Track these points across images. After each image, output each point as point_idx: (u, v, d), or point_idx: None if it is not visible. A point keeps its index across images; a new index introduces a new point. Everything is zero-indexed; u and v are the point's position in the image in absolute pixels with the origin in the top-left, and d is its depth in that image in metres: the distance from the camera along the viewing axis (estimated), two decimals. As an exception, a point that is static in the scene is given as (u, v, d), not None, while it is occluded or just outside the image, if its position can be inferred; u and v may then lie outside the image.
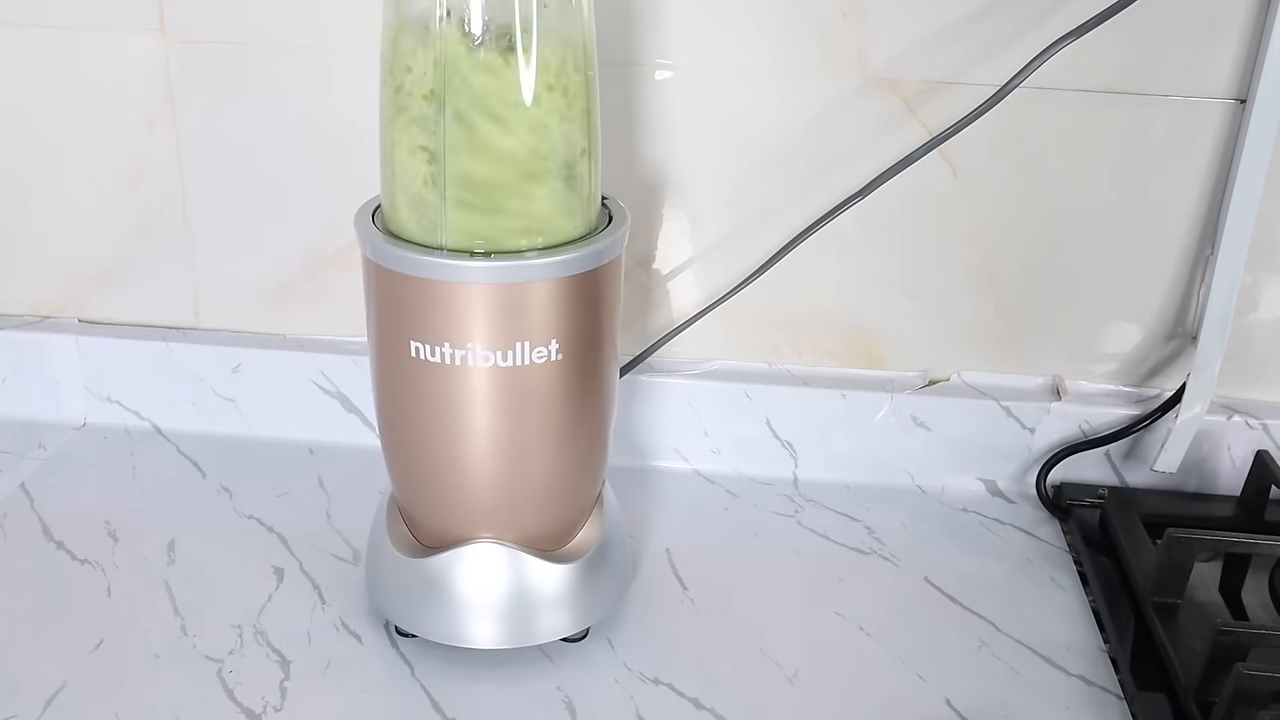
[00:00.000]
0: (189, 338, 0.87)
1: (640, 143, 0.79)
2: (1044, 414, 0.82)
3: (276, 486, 0.82)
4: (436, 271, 0.58)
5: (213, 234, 0.84)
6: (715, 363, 0.85)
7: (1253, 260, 0.77)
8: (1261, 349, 0.82)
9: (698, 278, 0.83)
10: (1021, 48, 0.73)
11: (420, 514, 0.66)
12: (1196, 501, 0.82)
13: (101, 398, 0.88)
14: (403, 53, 0.57)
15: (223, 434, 0.87)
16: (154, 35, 0.79)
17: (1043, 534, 0.80)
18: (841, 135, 0.78)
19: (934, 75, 0.76)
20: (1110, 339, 0.83)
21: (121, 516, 0.78)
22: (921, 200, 0.79)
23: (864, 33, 0.75)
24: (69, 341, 0.87)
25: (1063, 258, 0.80)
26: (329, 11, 0.77)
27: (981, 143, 0.76)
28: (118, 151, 0.82)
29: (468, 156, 0.57)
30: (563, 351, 0.60)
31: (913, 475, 0.84)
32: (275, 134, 0.81)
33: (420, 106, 0.57)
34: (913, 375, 0.84)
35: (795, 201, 0.79)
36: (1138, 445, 0.83)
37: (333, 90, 0.79)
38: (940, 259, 0.81)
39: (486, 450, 0.62)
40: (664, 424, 0.85)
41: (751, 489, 0.84)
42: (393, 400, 0.64)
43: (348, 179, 0.78)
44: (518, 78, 0.56)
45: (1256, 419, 0.81)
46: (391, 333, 0.61)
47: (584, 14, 0.58)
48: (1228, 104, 0.75)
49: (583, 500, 0.67)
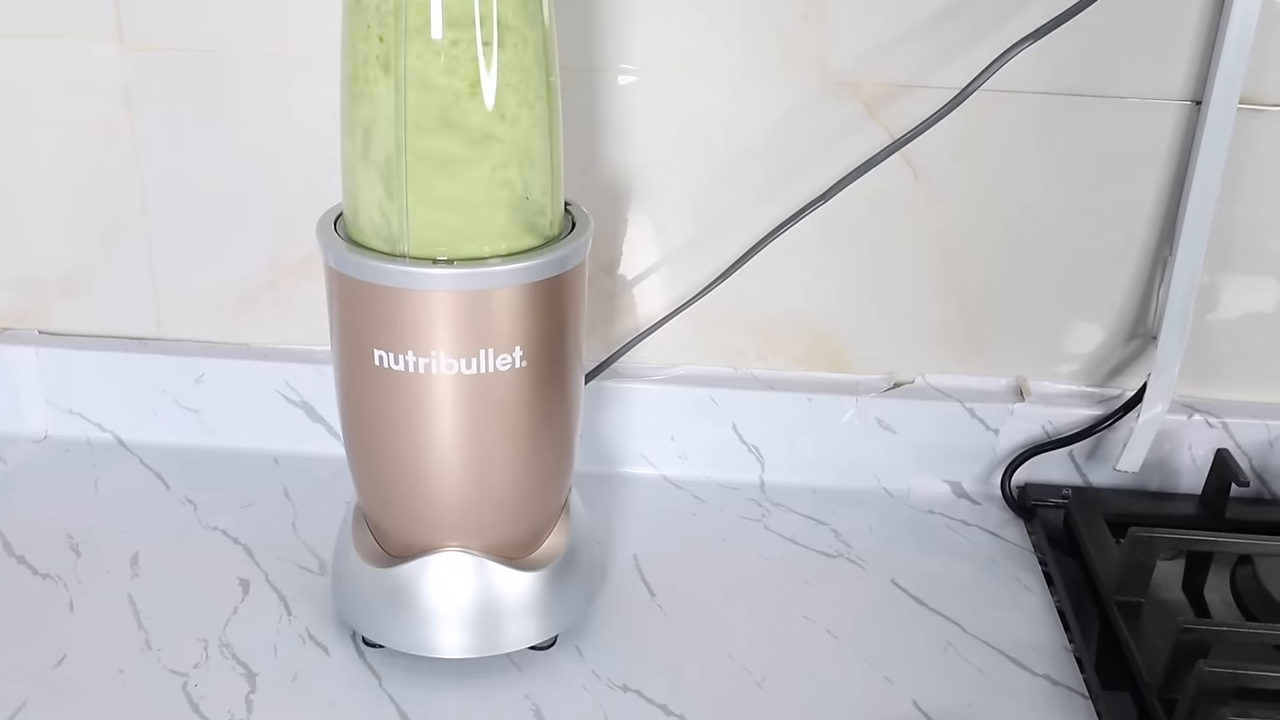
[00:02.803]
0: (151, 348, 0.86)
1: (603, 147, 0.79)
2: (1008, 415, 0.83)
3: (241, 497, 0.81)
4: (399, 279, 0.57)
5: (174, 243, 0.84)
6: (681, 368, 0.85)
7: (1211, 260, 0.78)
8: (1220, 348, 0.83)
9: (663, 282, 0.83)
10: (981, 51, 0.74)
11: (386, 523, 0.66)
12: (1159, 500, 0.83)
13: (63, 410, 0.87)
14: (362, 59, 0.56)
15: (186, 445, 0.87)
16: (111, 43, 0.78)
17: (1008, 535, 0.80)
18: (804, 139, 0.78)
19: (895, 78, 0.76)
20: (1072, 339, 0.83)
21: (84, 530, 0.77)
22: (884, 203, 0.79)
23: (825, 36, 0.75)
24: (29, 353, 0.86)
25: (1024, 259, 0.81)
26: (289, 18, 0.77)
27: (943, 145, 0.77)
28: (76, 161, 0.82)
29: (428, 165, 0.57)
30: (527, 359, 0.60)
31: (879, 478, 0.85)
32: (236, 142, 0.80)
33: (379, 114, 0.56)
34: (877, 378, 0.85)
35: (759, 205, 0.79)
36: (1100, 445, 0.83)
37: (294, 98, 0.79)
38: (903, 261, 0.81)
39: (452, 458, 0.62)
40: (630, 429, 0.85)
41: (719, 493, 0.84)
42: (357, 409, 0.63)
43: (309, 187, 0.78)
44: (479, 84, 0.56)
45: (1216, 418, 0.82)
46: (355, 341, 0.61)
47: (545, 18, 0.58)
48: (1184, 105, 0.76)
49: (549, 507, 0.67)
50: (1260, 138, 0.76)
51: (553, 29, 0.59)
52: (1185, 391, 0.83)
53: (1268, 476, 0.83)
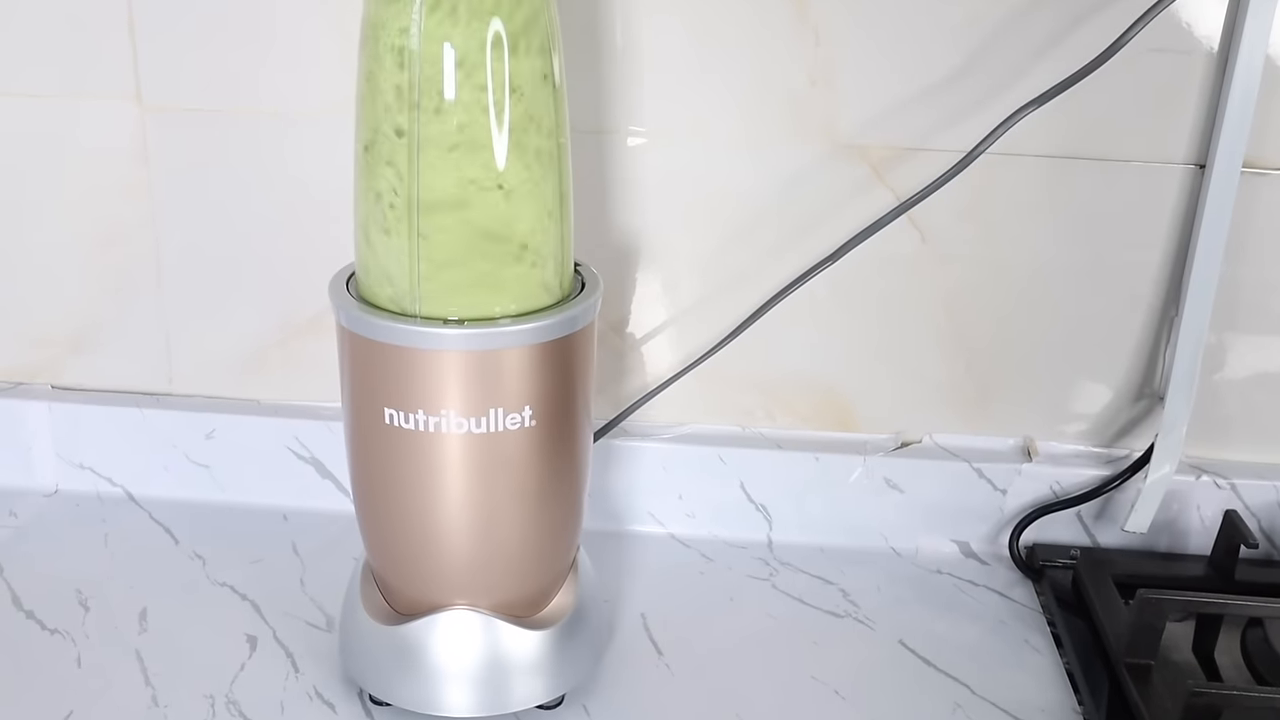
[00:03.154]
0: (163, 404, 0.87)
1: (613, 209, 0.80)
2: (1015, 475, 0.83)
3: (250, 553, 0.81)
4: (410, 339, 0.58)
5: (187, 300, 0.85)
6: (689, 426, 0.86)
7: (1217, 321, 0.78)
8: (1228, 409, 0.83)
9: (671, 342, 0.83)
10: (987, 115, 0.75)
11: (394, 580, 0.66)
12: (1168, 561, 0.83)
13: (74, 464, 0.87)
14: (375, 121, 0.57)
15: (196, 500, 0.87)
16: (130, 103, 0.79)
17: (1016, 595, 0.80)
18: (812, 200, 0.79)
19: (901, 142, 0.77)
20: (1079, 400, 0.83)
21: (93, 585, 0.77)
22: (891, 264, 0.80)
23: (832, 100, 0.76)
24: (41, 408, 0.86)
25: (1031, 319, 0.81)
26: (304, 80, 0.78)
27: (949, 207, 0.78)
28: (93, 218, 0.83)
29: (440, 225, 0.57)
30: (536, 418, 0.60)
31: (886, 537, 0.85)
32: (250, 200, 0.81)
33: (393, 175, 0.57)
34: (885, 438, 0.85)
35: (767, 266, 0.80)
36: (1109, 505, 0.83)
37: (308, 159, 0.80)
38: (910, 322, 0.82)
39: (461, 517, 0.62)
40: (638, 488, 0.85)
41: (726, 552, 0.84)
42: (367, 467, 0.64)
43: (322, 245, 0.79)
44: (490, 146, 0.57)
45: (1225, 479, 0.82)
46: (366, 399, 0.61)
47: (556, 81, 0.59)
48: (1188, 169, 0.77)
49: (557, 566, 0.67)
50: (1263, 200, 0.77)
51: (563, 92, 0.60)
52: (1193, 452, 0.83)
53: (1277, 538, 0.83)
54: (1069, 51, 0.73)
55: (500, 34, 0.55)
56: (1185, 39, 0.74)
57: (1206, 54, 0.74)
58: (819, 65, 0.76)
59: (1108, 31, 0.67)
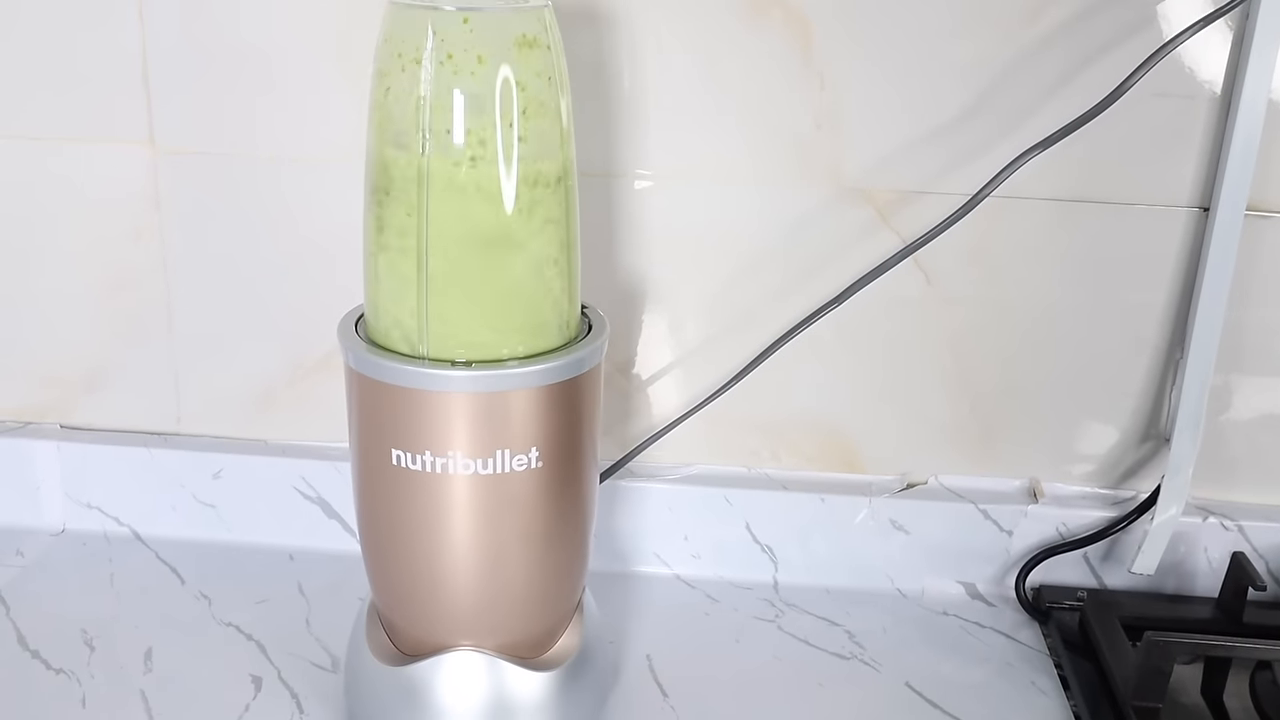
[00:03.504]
0: (171, 443, 0.87)
1: (620, 251, 0.80)
2: (1021, 516, 0.83)
3: (256, 593, 0.81)
4: (418, 381, 0.58)
5: (196, 340, 0.85)
6: (695, 467, 0.86)
7: (1223, 362, 0.79)
8: (1234, 450, 0.83)
9: (677, 383, 0.83)
10: (991, 158, 0.76)
11: (400, 621, 0.66)
12: (1175, 603, 0.82)
13: (81, 504, 0.88)
14: (385, 165, 0.58)
15: (203, 540, 0.87)
16: (143, 146, 0.80)
17: (1023, 637, 0.80)
18: (817, 243, 0.79)
19: (906, 185, 0.78)
20: (1085, 441, 0.83)
21: (98, 624, 0.78)
22: (896, 306, 0.80)
23: (837, 144, 0.77)
24: (50, 447, 0.87)
25: (1036, 361, 0.81)
26: (314, 124, 0.79)
27: (954, 250, 0.78)
28: (104, 260, 0.83)
29: (449, 267, 0.58)
30: (543, 459, 0.61)
31: (892, 579, 0.85)
32: (261, 243, 0.82)
33: (402, 217, 0.58)
34: (890, 479, 0.85)
35: (773, 307, 0.80)
36: (1115, 547, 0.83)
37: (317, 201, 0.81)
38: (916, 363, 0.82)
39: (467, 558, 0.62)
40: (644, 529, 0.85)
41: (732, 593, 0.84)
42: (373, 507, 0.64)
43: (331, 287, 0.79)
44: (498, 188, 0.57)
45: (1232, 520, 0.82)
46: (373, 440, 0.61)
47: (563, 125, 0.59)
48: (1192, 212, 0.77)
49: (563, 607, 0.67)
50: (1267, 243, 0.77)
51: (571, 136, 0.60)
52: (1199, 494, 0.83)
53: (1284, 580, 0.83)
54: (1073, 95, 0.74)
55: (509, 79, 0.56)
56: (1189, 83, 0.74)
57: (1210, 98, 0.74)
58: (824, 109, 0.76)
59: (1112, 76, 0.68)
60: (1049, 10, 0.73)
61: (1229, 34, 0.73)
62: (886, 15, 0.74)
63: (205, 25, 0.77)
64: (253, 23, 0.77)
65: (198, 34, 0.77)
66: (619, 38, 0.76)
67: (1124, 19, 0.73)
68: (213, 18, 0.77)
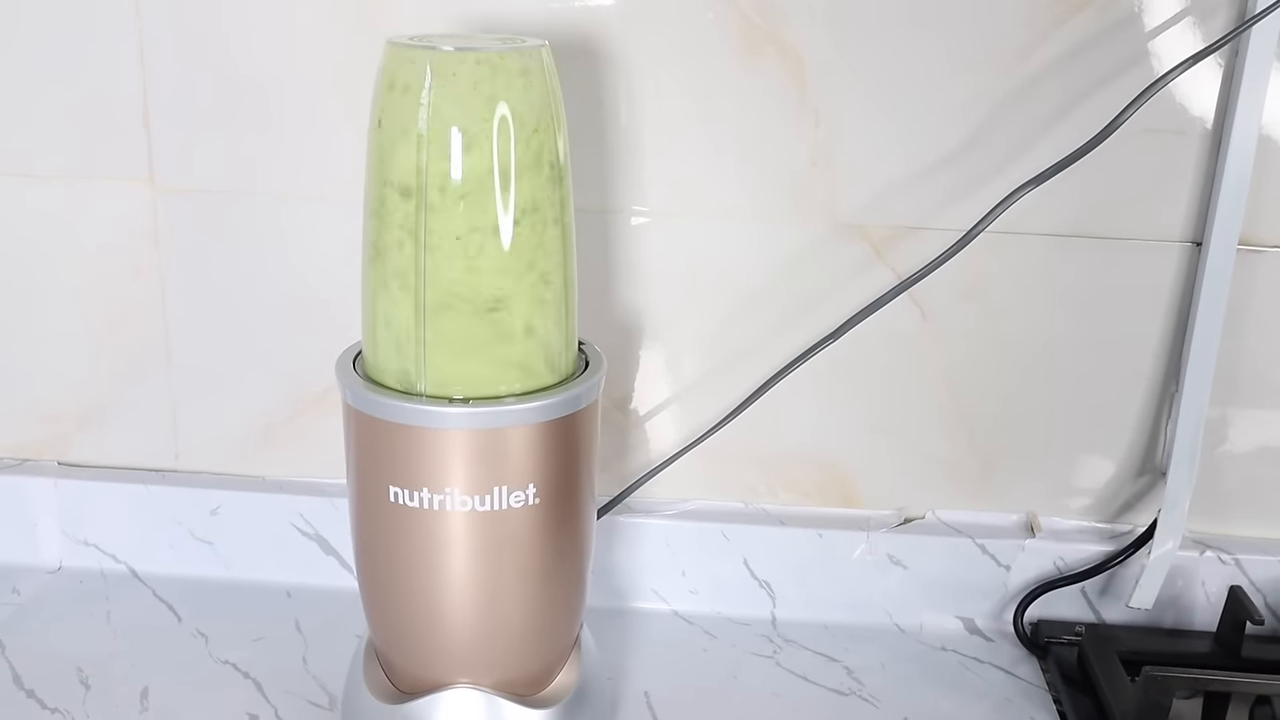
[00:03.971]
0: (168, 480, 0.87)
1: (617, 287, 0.81)
2: (1019, 551, 0.83)
3: (253, 630, 0.81)
4: (415, 418, 0.58)
5: (195, 377, 0.85)
6: (692, 502, 0.86)
7: (1217, 396, 0.79)
8: (1230, 483, 0.83)
9: (674, 419, 0.84)
10: (985, 194, 0.76)
11: (398, 658, 0.66)
12: (1173, 638, 0.82)
13: (78, 541, 0.87)
14: (382, 201, 0.58)
15: (200, 577, 0.87)
16: (142, 185, 0.81)
17: (1021, 672, 0.80)
18: (814, 278, 0.80)
19: (901, 221, 0.78)
20: (1082, 475, 0.84)
21: (95, 663, 0.77)
22: (893, 341, 0.80)
23: (832, 180, 0.78)
24: (48, 484, 0.87)
25: (1032, 395, 0.82)
26: (313, 162, 0.79)
27: (949, 285, 0.78)
28: (103, 297, 0.84)
29: (446, 303, 0.58)
30: (540, 495, 0.61)
31: (890, 614, 0.84)
32: (259, 280, 0.82)
33: (399, 255, 0.58)
34: (888, 514, 0.85)
35: (770, 343, 0.81)
36: (1113, 581, 0.83)
37: (315, 238, 0.81)
38: (913, 398, 0.82)
39: (464, 594, 0.62)
40: (642, 565, 0.85)
41: (730, 629, 0.83)
42: (371, 544, 0.64)
43: (329, 324, 0.80)
44: (495, 225, 0.58)
45: (1229, 554, 0.82)
46: (370, 477, 0.61)
47: (561, 162, 0.60)
48: (1185, 246, 0.77)
49: (561, 643, 0.67)
50: (1259, 277, 0.77)
51: (568, 173, 0.61)
52: (1196, 527, 0.83)
53: (1283, 614, 0.83)
54: (1067, 132, 0.75)
55: (506, 117, 0.57)
56: (1180, 119, 0.75)
57: (1201, 134, 0.75)
58: (819, 145, 0.77)
59: (1105, 112, 0.68)
60: (1042, 48, 0.74)
61: (1219, 70, 0.74)
62: (880, 53, 0.75)
63: (205, 64, 0.78)
64: (252, 62, 0.78)
65: (197, 73, 0.78)
66: (616, 75, 0.76)
67: (1116, 56, 0.74)
68: (212, 56, 0.78)
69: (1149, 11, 0.73)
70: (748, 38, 0.75)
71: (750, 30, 0.75)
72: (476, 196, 0.57)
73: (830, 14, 0.74)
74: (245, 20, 0.77)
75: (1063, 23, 0.73)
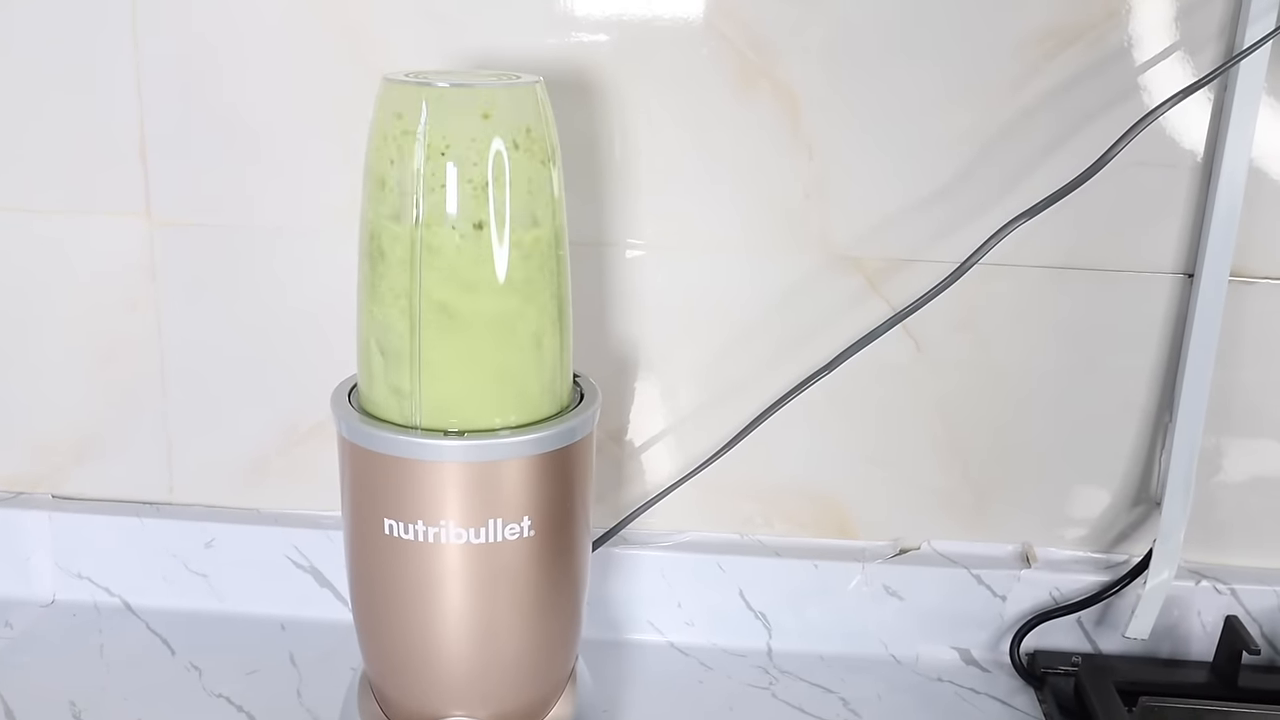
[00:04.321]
0: (163, 513, 0.87)
1: (612, 319, 0.81)
2: (1015, 581, 0.83)
3: (247, 664, 0.81)
4: (410, 450, 0.58)
5: (190, 410, 0.85)
6: (687, 534, 0.86)
7: (1211, 426, 0.79)
8: (1226, 513, 0.83)
9: (669, 450, 0.84)
10: (979, 226, 0.76)
11: (392, 692, 0.66)
12: (1170, 668, 0.82)
13: (72, 574, 0.87)
14: (378, 236, 0.59)
15: (194, 610, 0.86)
16: (139, 218, 0.81)
17: (1018, 703, 0.80)
18: (808, 311, 0.80)
19: (895, 253, 0.78)
20: (1077, 505, 0.84)
21: (87, 697, 0.77)
22: (887, 373, 0.81)
23: (826, 213, 0.78)
24: (41, 518, 0.86)
25: (1027, 426, 0.82)
26: (309, 195, 0.80)
27: (943, 317, 0.79)
28: (99, 330, 0.84)
29: (441, 337, 0.58)
30: (535, 528, 0.61)
31: (886, 645, 0.84)
32: (254, 313, 0.83)
33: (395, 288, 0.58)
34: (883, 544, 0.85)
35: (765, 375, 0.81)
36: (1109, 611, 0.83)
37: (311, 271, 0.81)
38: (908, 429, 0.82)
39: (459, 627, 0.62)
40: (637, 597, 0.85)
41: (725, 661, 0.83)
42: (366, 576, 0.64)
43: (324, 357, 0.80)
44: (491, 259, 0.58)
45: (1224, 584, 0.82)
46: (365, 510, 0.61)
47: (555, 196, 0.60)
48: (1177, 278, 0.78)
49: (556, 676, 0.67)
50: (1251, 309, 0.78)
51: (562, 206, 0.61)
52: (1192, 557, 0.83)
53: (1279, 643, 0.83)
54: (1059, 165, 0.75)
55: (501, 152, 0.57)
56: (1171, 152, 0.75)
57: (1192, 166, 0.76)
58: (813, 178, 0.77)
59: (1096, 145, 0.69)
60: (1034, 82, 0.74)
61: (1209, 104, 0.74)
62: (873, 87, 0.75)
63: (202, 98, 0.78)
64: (249, 95, 0.78)
65: (194, 107, 0.79)
66: (610, 110, 0.77)
67: (1107, 90, 0.74)
68: (210, 91, 0.78)
69: (1139, 46, 0.74)
70: (741, 72, 0.76)
71: (744, 65, 0.75)
72: (472, 231, 0.57)
73: (823, 49, 0.75)
74: (242, 55, 0.77)
75: (1054, 57, 0.74)
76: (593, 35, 0.76)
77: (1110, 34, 0.73)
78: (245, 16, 0.77)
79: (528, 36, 0.76)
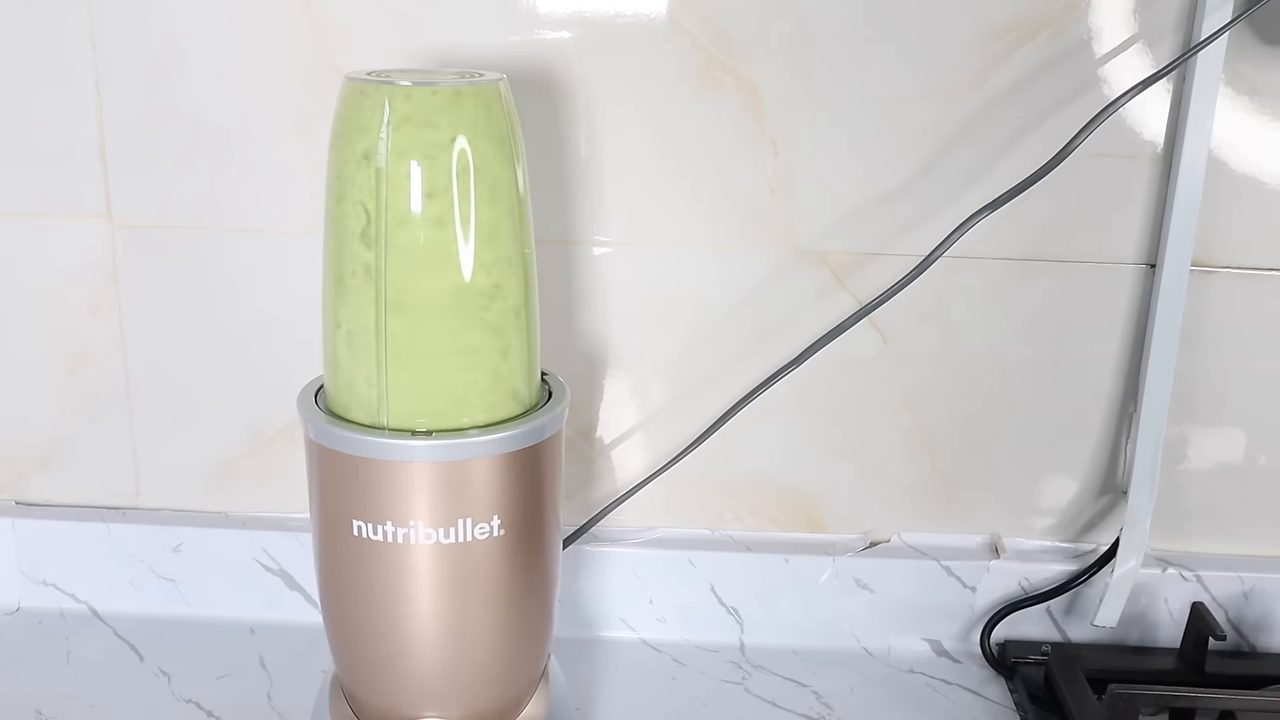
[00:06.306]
0: (129, 517, 0.86)
1: (580, 317, 0.81)
2: (984, 572, 0.83)
3: (217, 668, 0.80)
4: (378, 451, 0.58)
5: (155, 414, 0.85)
6: (658, 530, 0.86)
7: (1177, 413, 0.80)
8: (1191, 501, 0.84)
9: (639, 447, 0.84)
10: (943, 219, 0.77)
11: (364, 694, 0.65)
12: (1138, 655, 0.83)
13: (37, 581, 0.86)
14: (343, 235, 0.58)
15: (162, 615, 0.86)
16: (101, 220, 0.80)
17: (989, 693, 0.80)
18: (775, 305, 0.80)
19: (860, 247, 0.79)
20: (1045, 495, 0.84)
21: (54, 704, 0.76)
22: (854, 366, 0.81)
23: (791, 208, 0.78)
24: (5, 524, 0.85)
25: (994, 417, 0.82)
26: (272, 196, 0.79)
27: (909, 310, 0.79)
28: (61, 334, 0.83)
29: (408, 335, 0.58)
30: (505, 527, 0.61)
31: (858, 637, 0.85)
32: (219, 315, 0.82)
33: (361, 289, 0.58)
34: (854, 538, 0.85)
35: (733, 370, 0.81)
36: (1078, 600, 0.84)
37: (276, 272, 0.81)
38: (876, 422, 0.83)
39: (430, 628, 0.62)
40: (609, 594, 0.85)
41: (698, 656, 0.83)
42: (335, 578, 0.63)
43: (291, 358, 0.80)
44: (456, 257, 0.58)
45: (1190, 570, 0.83)
46: (334, 511, 0.61)
47: (520, 193, 0.60)
48: (1139, 269, 0.78)
49: (528, 675, 0.67)
50: (1212, 298, 0.79)
51: (528, 204, 0.61)
52: (1158, 545, 0.84)
53: (1244, 629, 0.83)
54: (1021, 157, 0.76)
55: (465, 150, 0.57)
56: (1132, 144, 0.76)
57: (1152, 158, 0.76)
58: (778, 174, 0.77)
59: (1057, 138, 0.69)
60: (995, 76, 0.75)
61: (1168, 95, 0.75)
62: (836, 82, 0.76)
63: (163, 98, 0.78)
64: (210, 95, 0.78)
65: (155, 107, 0.78)
66: (575, 107, 0.77)
67: (1067, 83, 0.75)
68: (170, 90, 0.78)
69: (1099, 39, 0.74)
70: (705, 69, 0.76)
71: (708, 61, 0.75)
72: (436, 229, 0.57)
73: (786, 45, 0.75)
74: (204, 54, 0.77)
75: (1014, 50, 0.74)
76: (556, 32, 0.75)
77: (1070, 27, 0.74)
78: (206, 13, 0.76)
79: (491, 34, 0.76)
